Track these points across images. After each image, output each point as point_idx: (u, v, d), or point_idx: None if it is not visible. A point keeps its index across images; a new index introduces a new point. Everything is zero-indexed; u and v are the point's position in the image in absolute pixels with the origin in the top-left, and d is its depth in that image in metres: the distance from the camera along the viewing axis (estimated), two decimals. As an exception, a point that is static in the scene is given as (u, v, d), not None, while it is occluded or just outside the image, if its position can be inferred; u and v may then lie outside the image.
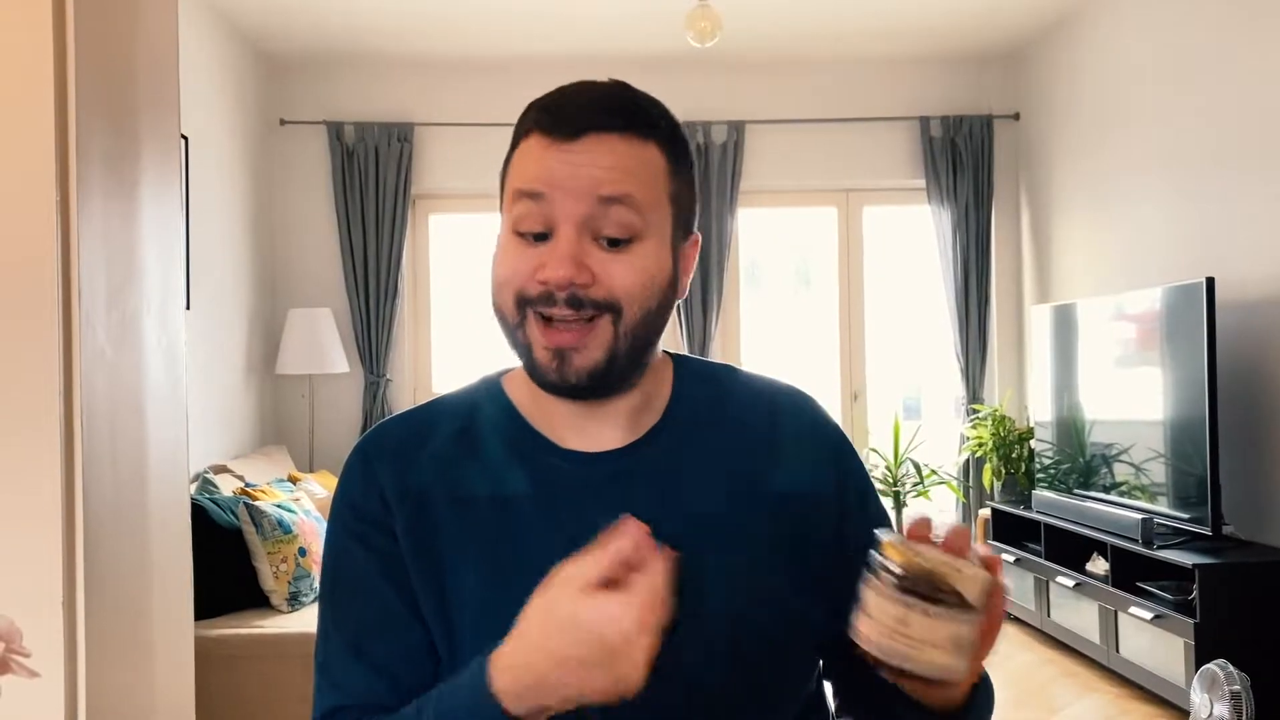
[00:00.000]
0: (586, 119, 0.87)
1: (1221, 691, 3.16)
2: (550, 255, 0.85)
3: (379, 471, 0.94)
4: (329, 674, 0.92)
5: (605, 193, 0.85)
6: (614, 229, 0.86)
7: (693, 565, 0.89)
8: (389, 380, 5.37)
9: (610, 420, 0.94)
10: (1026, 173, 5.54)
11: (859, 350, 5.70)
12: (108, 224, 1.55)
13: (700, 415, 0.97)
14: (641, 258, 0.88)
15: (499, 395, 0.98)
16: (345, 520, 0.94)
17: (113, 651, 1.55)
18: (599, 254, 0.86)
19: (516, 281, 0.87)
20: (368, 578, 0.92)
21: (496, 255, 0.91)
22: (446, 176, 5.46)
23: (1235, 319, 3.76)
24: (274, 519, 3.47)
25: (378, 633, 0.91)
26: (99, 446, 1.49)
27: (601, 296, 0.86)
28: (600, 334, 0.87)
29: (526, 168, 0.88)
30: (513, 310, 0.88)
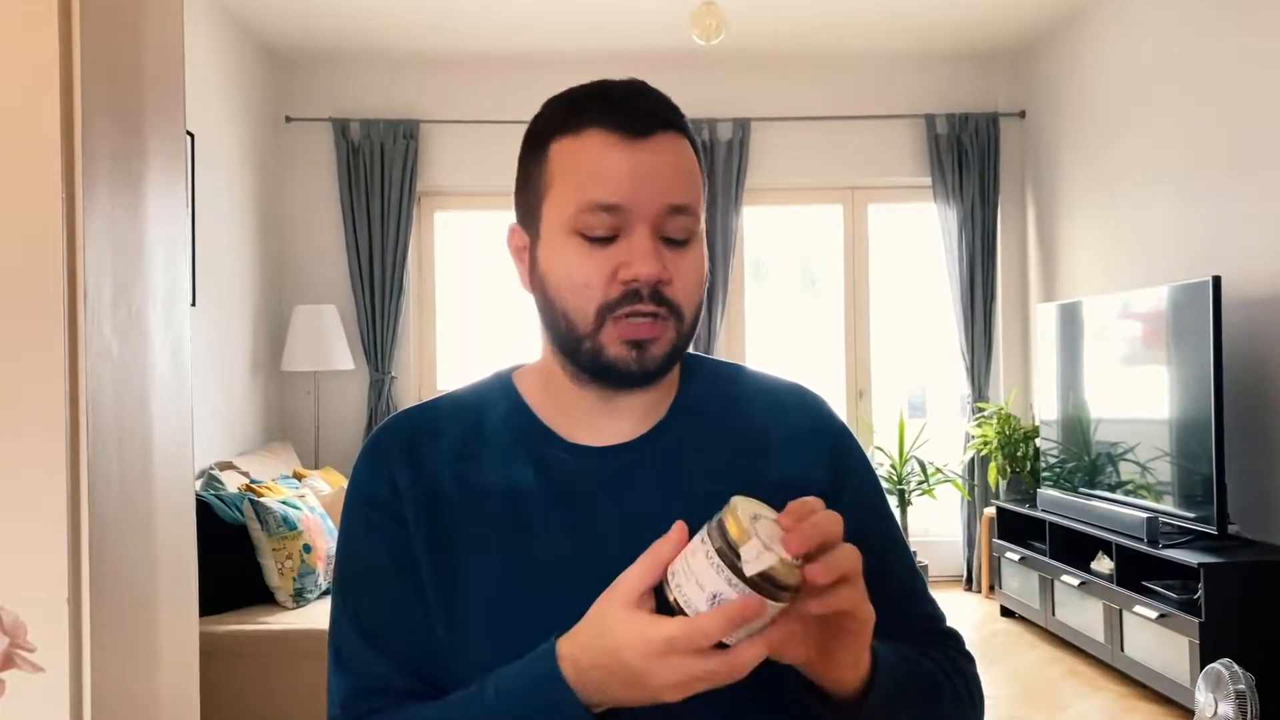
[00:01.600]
0: (655, 116, 0.90)
1: (1226, 691, 3.16)
2: (632, 254, 0.88)
3: (391, 462, 0.95)
4: (342, 660, 0.93)
5: (673, 201, 0.89)
6: (677, 232, 0.90)
7: None
8: (394, 377, 5.38)
9: (625, 414, 0.95)
10: (1033, 171, 5.52)
11: (864, 348, 5.69)
12: (113, 220, 1.55)
13: (706, 411, 0.99)
14: (696, 257, 0.92)
15: (510, 391, 0.99)
16: (357, 509, 0.96)
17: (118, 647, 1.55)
18: (667, 253, 0.90)
19: (597, 288, 0.88)
20: (380, 565, 0.93)
21: (550, 257, 0.91)
22: (452, 174, 5.46)
23: (1241, 317, 3.75)
24: (279, 515, 3.48)
25: (390, 618, 0.92)
26: (105, 442, 1.50)
27: (673, 297, 0.89)
28: (668, 331, 0.91)
29: (596, 170, 0.88)
30: (591, 318, 0.89)
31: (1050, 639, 4.50)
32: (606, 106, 0.89)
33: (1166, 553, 3.61)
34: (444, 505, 0.93)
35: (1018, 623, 4.80)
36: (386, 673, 0.91)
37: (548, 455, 0.94)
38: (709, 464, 0.95)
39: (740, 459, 0.96)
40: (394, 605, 0.92)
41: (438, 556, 0.92)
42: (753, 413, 1.00)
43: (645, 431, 0.96)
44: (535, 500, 0.92)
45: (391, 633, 0.92)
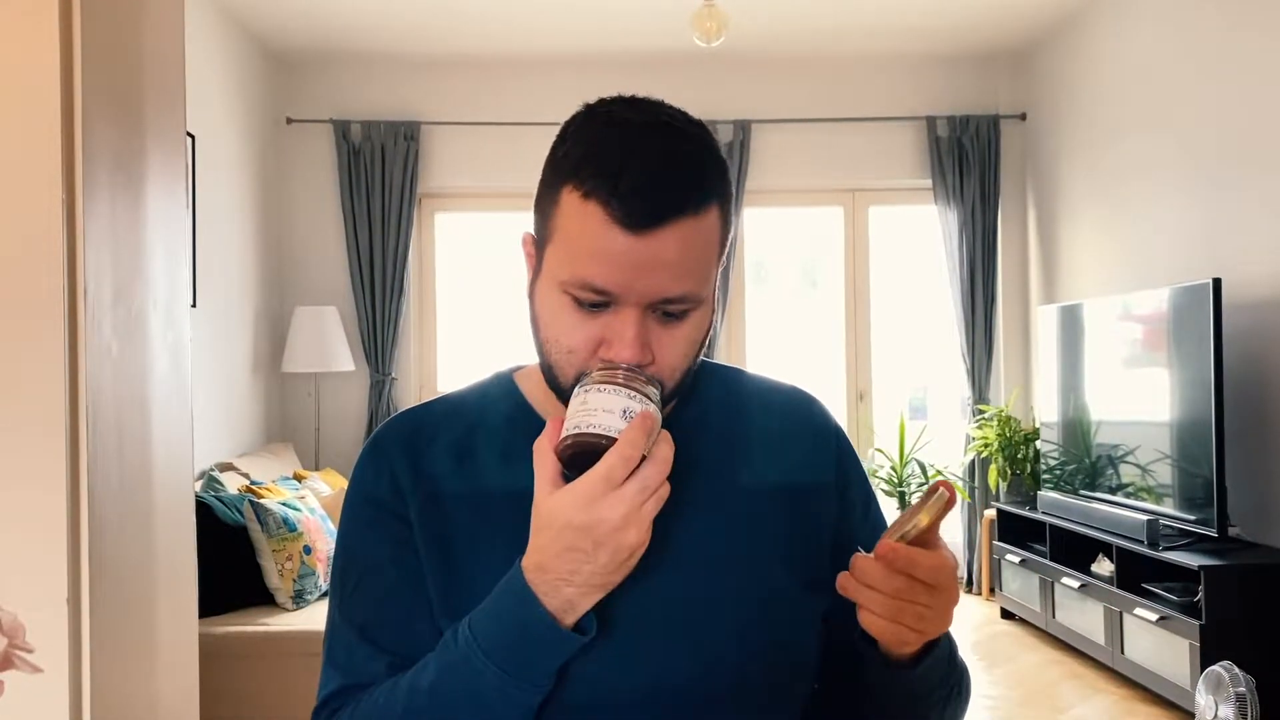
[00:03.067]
0: (660, 207, 0.82)
1: (1227, 693, 3.15)
2: (615, 335, 0.85)
3: (393, 460, 0.95)
4: (334, 658, 0.94)
5: (669, 295, 0.85)
6: (674, 310, 0.87)
7: (698, 558, 0.92)
8: (394, 379, 5.38)
9: None
10: (1033, 173, 5.52)
11: (865, 350, 5.69)
12: (114, 220, 1.55)
13: (708, 414, 0.98)
14: (690, 328, 0.89)
15: (512, 390, 0.99)
16: (357, 508, 0.96)
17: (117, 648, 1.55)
18: (658, 329, 0.87)
19: (579, 356, 0.87)
20: (378, 563, 0.93)
21: (543, 301, 0.90)
22: (453, 175, 5.46)
23: (1242, 320, 3.75)
24: (279, 517, 3.48)
25: (386, 617, 0.92)
26: (105, 443, 1.50)
27: (654, 374, 0.87)
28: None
29: (592, 251, 0.83)
30: (570, 379, 0.88)
31: (1051, 641, 4.50)
32: (615, 188, 0.82)
33: (1167, 555, 3.61)
34: (446, 504, 0.93)
35: (1018, 625, 4.80)
36: (376, 669, 0.91)
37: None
38: (710, 466, 0.95)
39: (745, 463, 0.96)
40: (393, 602, 0.92)
41: (440, 555, 0.92)
42: (753, 415, 1.00)
43: None
44: None
45: (388, 630, 0.92)
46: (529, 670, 0.82)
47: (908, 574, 0.81)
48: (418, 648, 0.90)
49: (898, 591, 0.82)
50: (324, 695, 0.93)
